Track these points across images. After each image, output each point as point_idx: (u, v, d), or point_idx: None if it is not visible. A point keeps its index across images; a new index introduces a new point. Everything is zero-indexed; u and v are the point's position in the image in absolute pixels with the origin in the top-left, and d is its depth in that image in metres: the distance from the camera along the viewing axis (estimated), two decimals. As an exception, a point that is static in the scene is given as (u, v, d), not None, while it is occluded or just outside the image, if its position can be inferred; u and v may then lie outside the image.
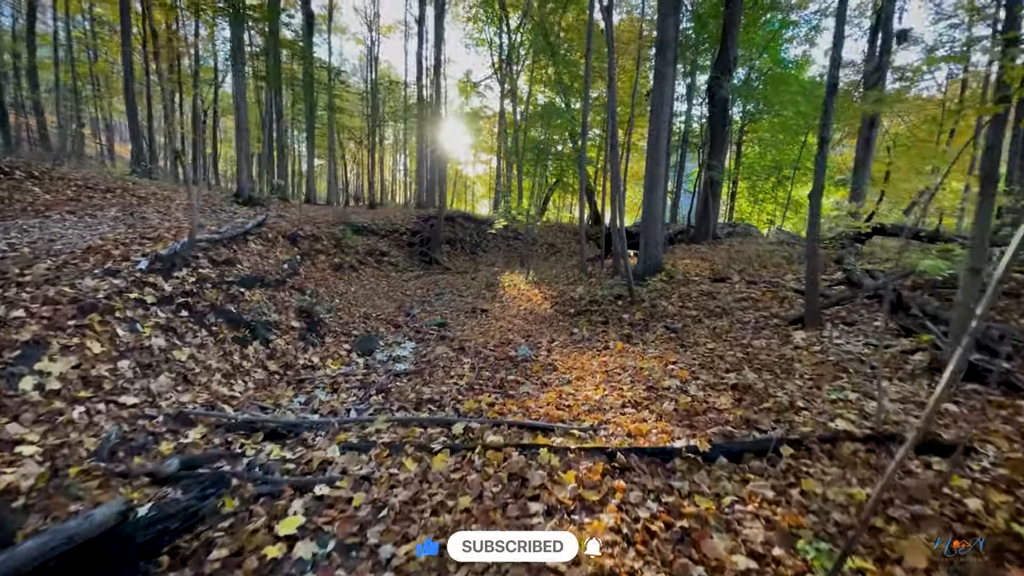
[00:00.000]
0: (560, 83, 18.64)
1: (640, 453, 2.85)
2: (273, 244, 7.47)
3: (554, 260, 20.37)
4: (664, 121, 7.89)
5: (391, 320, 7.44)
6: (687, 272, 8.51)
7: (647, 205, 8.12)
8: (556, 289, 10.30)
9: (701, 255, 10.43)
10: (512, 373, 4.94)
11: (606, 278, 9.90)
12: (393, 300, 9.54)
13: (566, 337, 6.49)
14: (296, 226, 9.85)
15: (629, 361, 4.98)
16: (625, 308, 7.16)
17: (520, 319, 8.08)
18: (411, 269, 14.66)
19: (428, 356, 5.56)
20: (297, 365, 4.77)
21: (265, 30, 17.06)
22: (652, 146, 7.99)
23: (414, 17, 23.28)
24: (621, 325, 6.63)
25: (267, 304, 5.20)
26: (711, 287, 7.48)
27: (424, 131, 20.94)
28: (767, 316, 5.83)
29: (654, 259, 8.31)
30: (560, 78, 19.06)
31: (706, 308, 6.48)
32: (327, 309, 6.62)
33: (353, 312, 7.16)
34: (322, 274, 8.38)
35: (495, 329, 7.16)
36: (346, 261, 10.43)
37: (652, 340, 5.77)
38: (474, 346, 5.92)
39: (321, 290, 7.21)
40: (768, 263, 8.30)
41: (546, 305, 9.03)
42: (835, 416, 3.24)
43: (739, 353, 4.81)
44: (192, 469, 2.85)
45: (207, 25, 22.50)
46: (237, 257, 5.85)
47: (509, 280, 13.07)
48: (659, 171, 8.02)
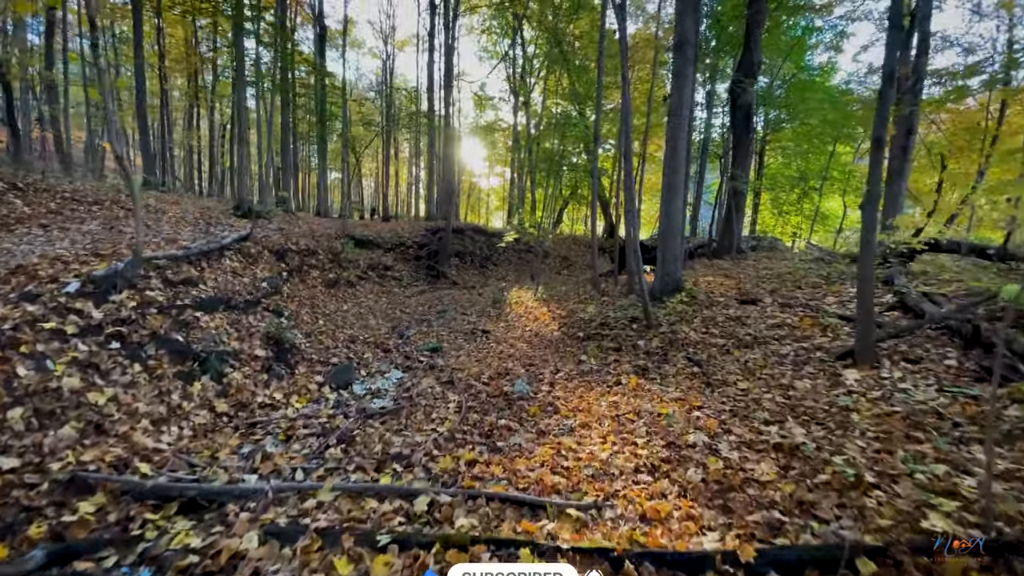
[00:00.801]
0: (575, 94, 18.09)
1: (657, 562, 2.06)
2: (254, 260, 6.93)
3: (567, 274, 19.61)
4: (683, 125, 7.14)
5: (381, 343, 6.77)
6: (710, 291, 7.66)
7: (665, 217, 7.34)
8: (565, 308, 9.53)
9: (725, 272, 9.56)
10: (504, 416, 4.19)
11: (620, 296, 9.10)
12: (390, 319, 8.90)
13: (572, 367, 5.72)
14: (289, 240, 9.35)
15: (645, 403, 4.18)
16: (640, 333, 6.35)
17: (524, 342, 7.34)
18: (416, 284, 14.09)
19: (411, 391, 4.85)
20: (254, 404, 4.12)
21: (277, 42, 16.99)
22: (670, 153, 7.24)
23: (426, 30, 23.10)
24: (636, 353, 5.82)
25: (227, 331, 4.60)
26: (739, 310, 6.62)
27: (435, 142, 20.60)
28: (808, 348, 4.96)
29: (673, 276, 7.49)
30: (574, 88, 18.52)
31: (735, 336, 5.63)
32: (306, 333, 5.99)
33: (338, 335, 6.52)
34: (311, 292, 7.80)
35: (493, 355, 6.43)
36: (343, 276, 9.87)
37: (672, 375, 4.95)
38: (465, 378, 5.20)
39: (304, 311, 6.61)
40: (802, 282, 7.40)
41: (553, 326, 8.27)
42: (923, 504, 2.40)
43: (779, 397, 3.96)
44: (63, 564, 2.17)
45: (224, 39, 22.73)
46: (203, 276, 5.29)
47: (517, 297, 12.35)
48: (677, 180, 7.25)
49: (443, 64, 18.53)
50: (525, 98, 25.49)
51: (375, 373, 5.62)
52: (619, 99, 19.70)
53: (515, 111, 26.96)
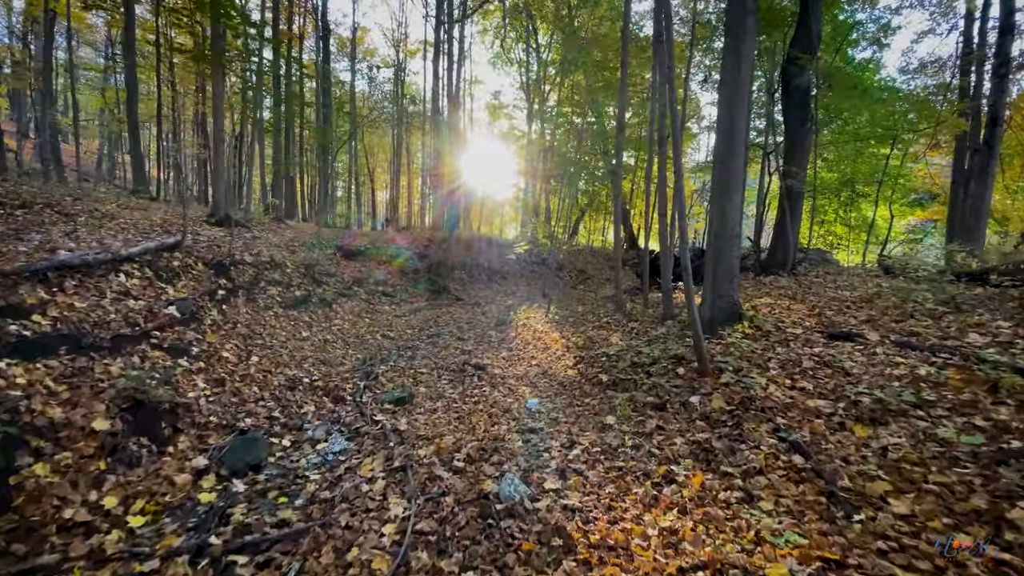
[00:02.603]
0: (592, 100, 16.40)
1: None
2: (174, 276, 5.30)
3: (583, 289, 17.69)
4: (741, 97, 5.29)
5: (333, 390, 5.00)
6: (778, 319, 5.70)
7: (718, 219, 5.45)
8: (583, 334, 7.66)
9: (784, 292, 7.56)
10: (477, 560, 2.35)
11: (653, 322, 7.18)
12: (364, 347, 7.17)
13: (594, 436, 3.85)
14: (249, 250, 7.75)
15: (728, 545, 2.29)
16: (691, 382, 4.45)
17: (527, 385, 5.51)
18: (411, 300, 12.38)
19: (336, 493, 3.04)
20: (55, 522, 2.40)
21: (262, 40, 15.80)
22: (724, 135, 5.39)
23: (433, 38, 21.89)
24: (689, 418, 3.92)
25: (46, 390, 2.90)
26: (831, 349, 4.66)
27: (441, 146, 19.17)
28: (985, 427, 3.00)
29: (728, 299, 5.57)
30: (592, 91, 16.85)
31: (844, 396, 3.69)
32: (217, 379, 4.25)
33: (271, 379, 4.79)
34: (257, 316, 6.11)
35: (483, 409, 4.60)
36: (315, 294, 8.22)
37: (757, 468, 3.04)
38: (429, 461, 3.37)
39: (229, 345, 4.92)
40: (910, 309, 5.39)
41: (568, 360, 6.41)
42: None
43: (992, 553, 2.03)
44: None
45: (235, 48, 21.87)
46: (53, 299, 3.65)
47: (525, 317, 10.52)
48: (735, 167, 5.37)
49: (446, 63, 17.09)
50: (540, 105, 24.05)
51: (305, 442, 3.84)
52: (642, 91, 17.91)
53: (529, 119, 25.64)
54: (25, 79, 21.63)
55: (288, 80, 20.04)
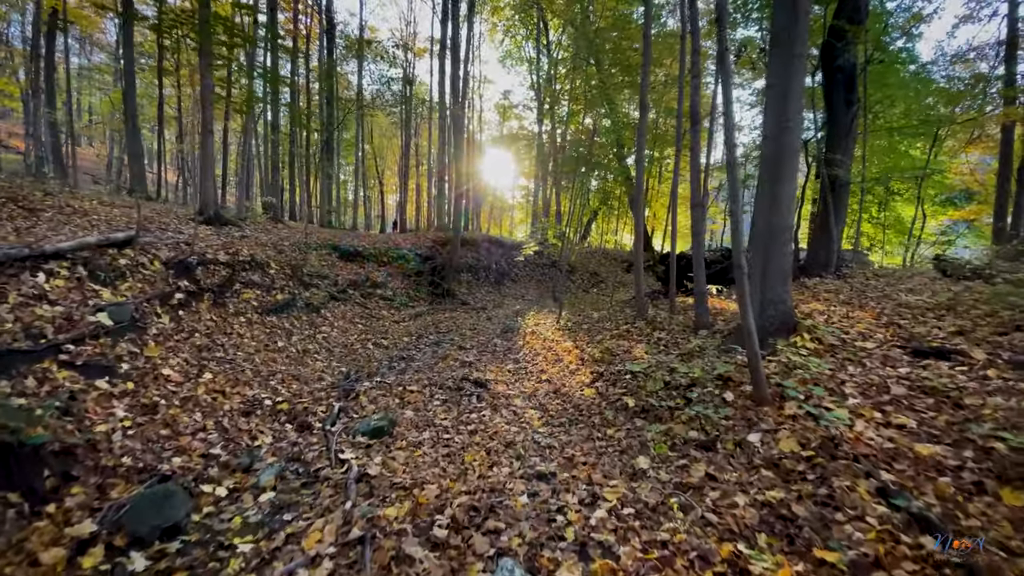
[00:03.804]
0: (604, 92, 15.44)
1: None
2: (117, 276, 4.49)
3: (596, 293, 16.69)
4: (798, 55, 4.32)
5: (299, 415, 4.13)
6: (842, 331, 4.69)
7: (768, 207, 4.48)
8: (599, 343, 6.70)
9: (835, 296, 6.53)
10: None
11: (682, 331, 6.19)
12: (351, 359, 6.31)
13: (624, 486, 2.91)
14: (227, 249, 6.96)
15: None
16: (745, 412, 3.48)
17: (536, 407, 4.59)
18: (412, 304, 11.55)
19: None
20: None
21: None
22: (775, 104, 4.42)
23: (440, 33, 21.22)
24: (750, 464, 2.95)
25: None
26: (921, 370, 3.66)
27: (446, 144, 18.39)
28: None
29: (781, 306, 4.59)
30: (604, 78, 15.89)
31: (965, 439, 2.70)
32: (148, 403, 3.39)
33: (223, 402, 3.91)
34: (224, 322, 5.28)
35: (480, 443, 3.69)
36: (300, 297, 7.40)
37: (867, 555, 2.08)
38: (399, 530, 2.46)
39: (176, 360, 4.08)
40: (1012, 319, 4.36)
41: (583, 376, 5.47)
42: None
43: None
44: None
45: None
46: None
47: (534, 323, 9.59)
48: (788, 143, 4.40)
49: (450, 59, 16.35)
50: (551, 105, 23.23)
51: (248, 490, 2.96)
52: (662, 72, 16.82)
53: (540, 118, 24.87)
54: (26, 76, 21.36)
55: (293, 77, 19.49)
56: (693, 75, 5.41)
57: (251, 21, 14.31)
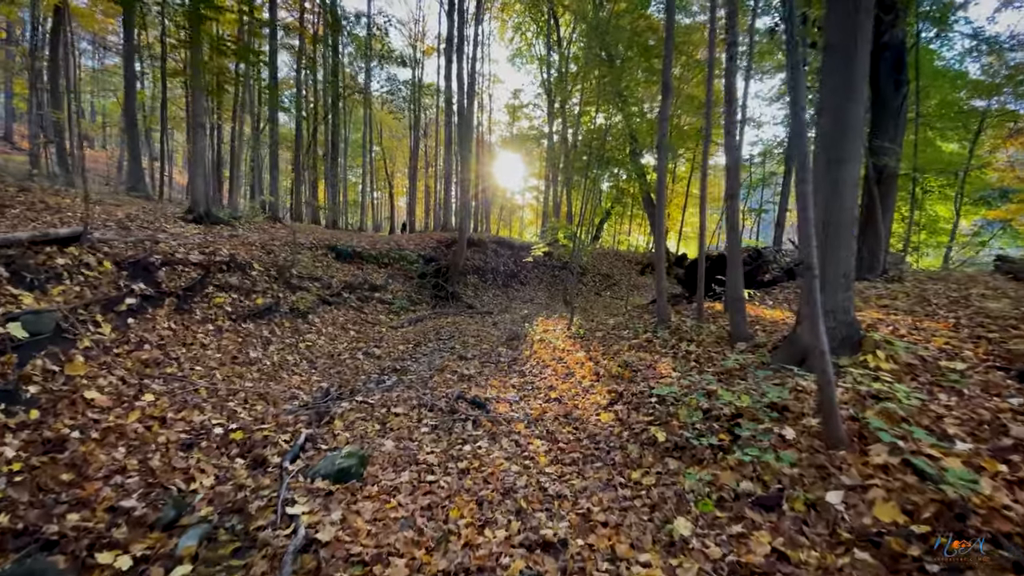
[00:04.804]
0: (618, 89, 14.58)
1: None
2: (50, 278, 3.84)
3: (609, 296, 15.85)
4: (863, 4, 3.50)
5: (257, 445, 3.41)
6: (919, 347, 3.83)
7: (828, 197, 3.66)
8: (617, 355, 5.90)
9: (892, 302, 5.63)
10: None
11: (715, 344, 5.34)
12: (335, 371, 5.60)
13: (658, 561, 2.13)
14: (204, 248, 6.31)
15: None
16: (815, 456, 2.66)
17: (545, 438, 3.82)
18: (413, 308, 10.84)
19: None
20: None
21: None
22: (837, 65, 3.60)
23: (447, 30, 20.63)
24: (832, 538, 2.14)
25: None
26: (1044, 403, 2.81)
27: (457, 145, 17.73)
28: None
29: (844, 317, 3.76)
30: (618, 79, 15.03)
31: None
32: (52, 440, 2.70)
33: (159, 432, 3.21)
34: (186, 331, 4.60)
35: (471, 488, 2.92)
36: (285, 302, 6.73)
37: None
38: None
39: (110, 378, 3.38)
40: None
41: (600, 396, 4.67)
42: None
43: None
44: None
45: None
46: None
47: (543, 329, 8.82)
48: (853, 114, 3.58)
49: (455, 55, 15.70)
50: (562, 103, 22.50)
51: (159, 561, 2.25)
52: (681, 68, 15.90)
53: (550, 117, 24.13)
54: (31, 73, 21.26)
55: (299, 77, 19.06)
56: (728, 43, 4.59)
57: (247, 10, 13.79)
